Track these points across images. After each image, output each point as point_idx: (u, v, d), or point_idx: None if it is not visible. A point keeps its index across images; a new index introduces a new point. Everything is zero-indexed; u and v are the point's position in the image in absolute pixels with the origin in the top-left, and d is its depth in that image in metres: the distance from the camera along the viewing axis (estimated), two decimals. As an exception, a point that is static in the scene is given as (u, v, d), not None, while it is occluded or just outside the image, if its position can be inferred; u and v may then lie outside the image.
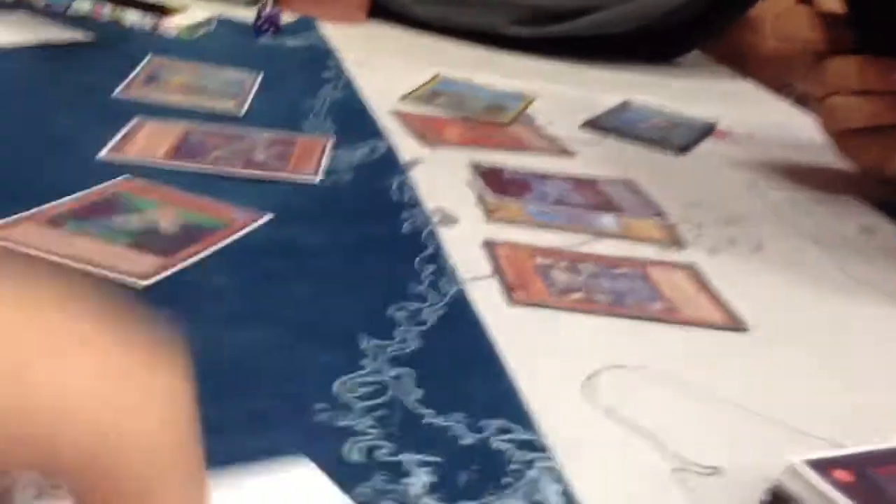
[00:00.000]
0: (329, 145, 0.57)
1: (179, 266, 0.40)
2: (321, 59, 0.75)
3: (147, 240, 0.42)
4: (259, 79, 0.70)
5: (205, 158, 0.53)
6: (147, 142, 0.55)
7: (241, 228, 0.45)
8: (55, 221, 0.42)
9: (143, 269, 0.40)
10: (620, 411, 0.36)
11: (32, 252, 0.39)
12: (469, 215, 0.52)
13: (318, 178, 0.53)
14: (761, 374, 0.41)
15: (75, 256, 0.40)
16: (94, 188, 0.46)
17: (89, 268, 0.39)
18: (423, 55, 0.86)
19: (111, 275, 0.39)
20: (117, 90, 0.62)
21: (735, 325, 0.44)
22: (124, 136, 0.54)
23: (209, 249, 0.42)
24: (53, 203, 0.43)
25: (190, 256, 0.41)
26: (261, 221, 0.46)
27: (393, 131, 0.62)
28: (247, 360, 0.35)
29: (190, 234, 0.44)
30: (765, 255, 0.54)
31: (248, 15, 0.84)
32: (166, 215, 0.45)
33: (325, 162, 0.55)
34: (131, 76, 0.65)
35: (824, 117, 0.65)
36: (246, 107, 0.63)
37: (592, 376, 0.38)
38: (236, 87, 0.67)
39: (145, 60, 0.69)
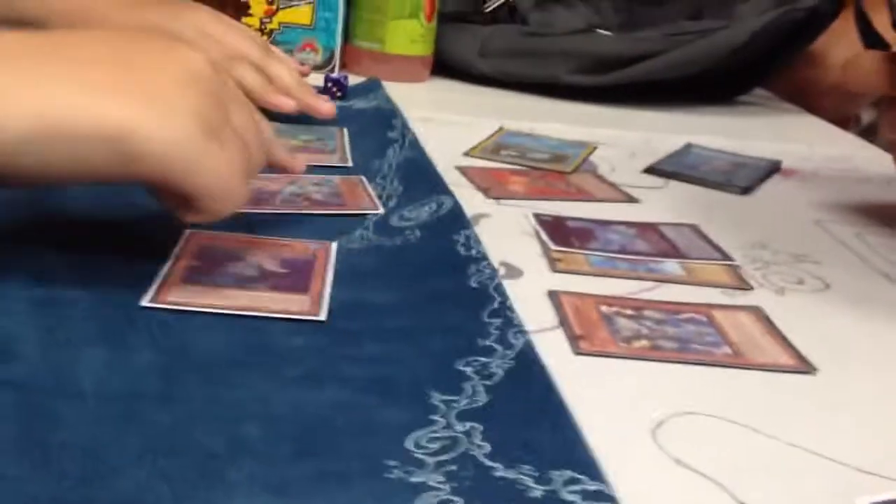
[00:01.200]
0: (366, 182, 0.63)
1: (325, 290, 0.46)
2: (387, 118, 0.78)
3: (268, 280, 0.47)
4: (346, 132, 0.74)
5: (273, 202, 0.58)
6: None
7: (328, 255, 0.51)
8: (191, 280, 0.46)
9: (307, 306, 0.45)
10: (689, 459, 0.36)
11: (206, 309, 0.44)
12: (533, 267, 0.53)
13: (381, 210, 0.58)
14: (831, 417, 0.41)
15: (247, 307, 0.44)
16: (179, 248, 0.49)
17: (265, 314, 0.44)
18: (486, 109, 0.89)
19: (289, 316, 0.44)
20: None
21: (803, 367, 0.45)
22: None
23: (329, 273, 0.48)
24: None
25: (319, 284, 0.47)
26: (335, 247, 0.52)
27: (458, 186, 0.64)
28: (321, 419, 0.36)
29: (299, 266, 0.49)
30: (833, 294, 0.54)
31: (316, 79, 0.88)
32: (264, 257, 0.49)
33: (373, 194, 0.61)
34: None
35: None
36: (350, 158, 0.69)
37: (660, 424, 0.39)
38: (331, 142, 0.72)
39: None
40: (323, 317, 0.44)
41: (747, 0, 1.01)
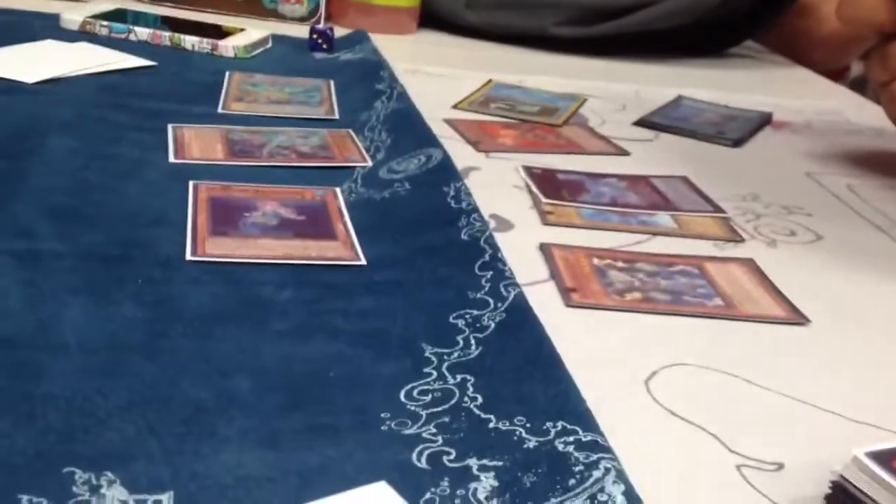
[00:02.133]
0: (354, 135, 0.63)
1: (352, 236, 0.47)
2: (374, 70, 0.76)
3: (292, 228, 0.47)
4: (333, 85, 0.73)
5: (261, 154, 0.57)
6: (200, 145, 0.58)
7: (335, 199, 0.52)
8: (218, 232, 0.46)
9: (345, 252, 0.46)
10: (682, 410, 0.36)
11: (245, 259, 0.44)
12: (524, 219, 0.53)
13: (370, 163, 0.57)
14: (824, 368, 0.41)
15: (289, 255, 0.45)
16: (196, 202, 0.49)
17: (310, 261, 0.44)
18: (475, 61, 0.87)
19: (336, 263, 0.44)
20: (219, 107, 0.66)
21: (796, 318, 0.44)
22: (176, 143, 0.58)
23: (344, 215, 0.50)
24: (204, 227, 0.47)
25: (343, 230, 0.48)
26: (340, 192, 0.53)
27: (448, 139, 0.63)
28: (313, 373, 0.36)
29: (313, 212, 0.49)
30: (825, 245, 0.54)
31: (301, 32, 0.86)
32: (276, 206, 0.50)
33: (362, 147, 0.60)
34: (223, 94, 0.68)
35: (887, 102, 0.65)
36: (337, 111, 0.67)
37: (653, 375, 0.38)
38: (316, 95, 0.71)
39: (226, 78, 0.72)
40: (363, 261, 0.45)
41: (739, -50, 1.00)
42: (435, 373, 0.36)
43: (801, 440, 0.35)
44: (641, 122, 0.74)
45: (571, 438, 0.32)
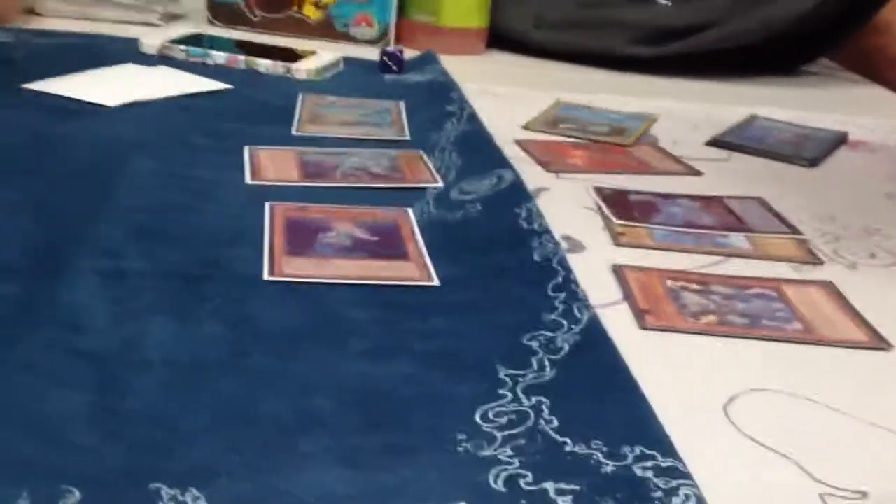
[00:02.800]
0: (425, 156, 0.63)
1: (425, 258, 0.48)
2: (444, 91, 0.77)
3: (365, 249, 0.48)
4: (403, 106, 0.74)
5: (334, 175, 0.58)
6: (275, 166, 0.59)
7: (407, 220, 0.52)
8: (295, 253, 0.47)
9: (418, 273, 0.46)
10: (763, 436, 0.36)
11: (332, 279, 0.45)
12: (596, 240, 0.52)
13: (441, 184, 0.58)
14: (908, 394, 0.40)
15: (363, 276, 0.45)
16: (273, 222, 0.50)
17: (383, 282, 0.45)
18: (543, 81, 0.87)
19: (409, 284, 0.45)
20: (293, 129, 0.67)
21: (878, 343, 0.43)
22: (252, 164, 0.59)
23: (417, 236, 0.50)
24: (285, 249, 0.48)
25: (416, 251, 0.49)
26: (412, 213, 0.53)
27: (518, 159, 0.63)
28: (390, 392, 0.36)
29: (386, 233, 0.50)
30: (907, 268, 0.52)
31: (372, 54, 0.87)
32: (350, 227, 0.50)
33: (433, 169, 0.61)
34: (296, 116, 0.70)
35: None
36: (408, 132, 0.68)
37: (732, 400, 0.38)
38: (387, 116, 0.71)
39: (299, 100, 0.73)
40: (436, 282, 0.45)
41: (812, -33, 0.98)
42: (510, 394, 0.36)
43: (884, 468, 0.35)
44: (714, 142, 0.73)
45: (650, 463, 0.32)
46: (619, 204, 0.58)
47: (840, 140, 0.76)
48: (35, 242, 0.45)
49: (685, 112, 0.81)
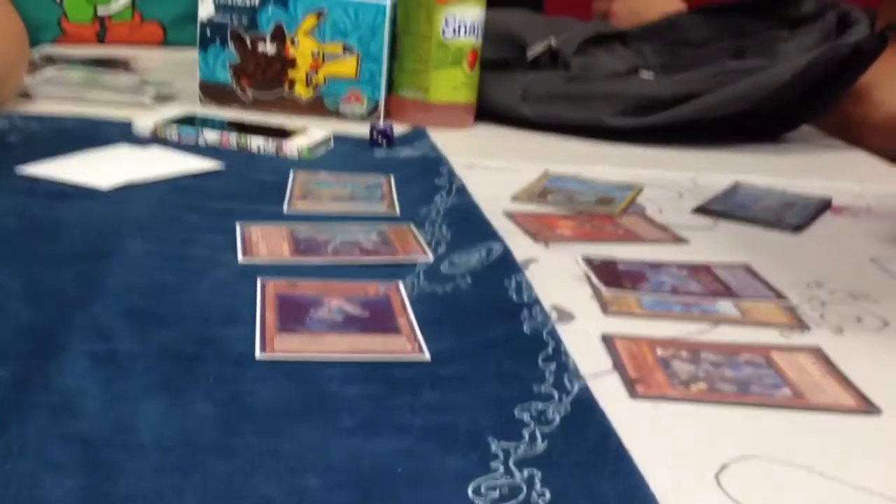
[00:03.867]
0: (415, 230, 0.64)
1: (416, 331, 0.48)
2: (433, 165, 0.78)
3: (357, 324, 0.49)
4: (393, 180, 0.75)
5: (325, 251, 0.59)
6: (267, 243, 0.60)
7: (398, 294, 0.53)
8: (286, 329, 0.48)
9: (410, 347, 0.46)
10: (754, 503, 0.36)
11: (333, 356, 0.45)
12: (585, 310, 0.53)
13: (431, 257, 0.58)
14: (899, 459, 0.40)
15: (355, 350, 0.46)
16: (264, 299, 0.51)
17: (375, 357, 0.45)
18: (531, 153, 0.89)
19: (401, 358, 0.45)
20: (284, 207, 0.68)
21: (867, 408, 0.44)
22: (244, 242, 0.60)
23: (408, 310, 0.51)
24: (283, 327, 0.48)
25: (407, 325, 0.49)
26: (403, 287, 0.54)
27: (507, 231, 0.64)
28: (381, 469, 0.36)
29: (377, 307, 0.51)
30: (893, 332, 0.53)
31: (362, 130, 0.89)
32: (341, 302, 0.51)
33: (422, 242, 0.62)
34: (288, 193, 0.71)
35: None
36: (398, 206, 0.69)
37: (724, 468, 0.38)
38: (377, 191, 0.73)
39: (291, 177, 0.74)
40: (427, 356, 0.45)
41: (790, 39, 1.01)
42: (502, 467, 0.36)
43: (879, 535, 0.35)
44: (700, 210, 0.74)
45: (642, 535, 0.32)
46: (607, 273, 0.58)
47: (824, 206, 0.77)
48: (27, 325, 0.46)
49: (670, 181, 0.82)
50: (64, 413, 0.38)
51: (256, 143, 0.82)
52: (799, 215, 0.74)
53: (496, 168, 0.83)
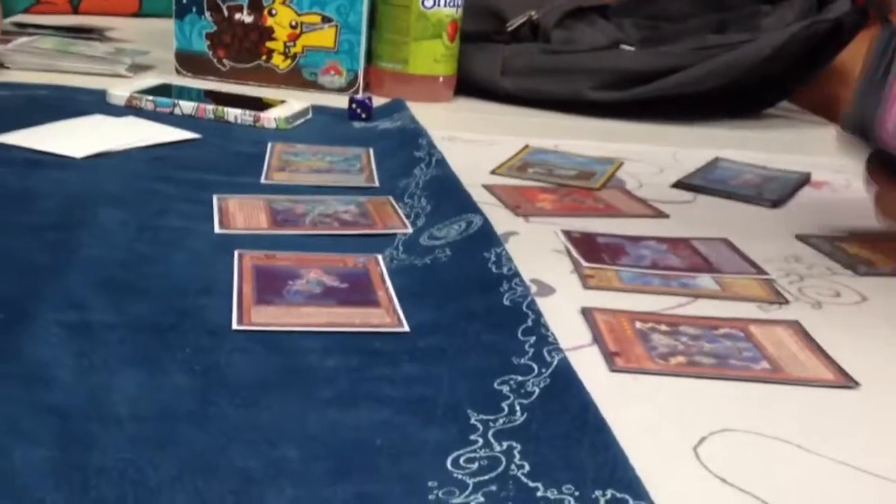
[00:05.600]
0: (394, 202, 0.63)
1: (394, 303, 0.48)
2: (413, 138, 0.78)
3: (335, 296, 0.48)
4: (372, 153, 0.74)
5: (303, 223, 0.58)
6: (244, 215, 0.59)
7: (377, 266, 0.52)
8: (264, 301, 0.47)
9: (389, 319, 0.46)
10: (733, 477, 0.36)
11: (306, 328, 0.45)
12: (565, 284, 0.53)
13: (410, 229, 0.58)
14: (876, 432, 0.40)
15: (333, 322, 0.45)
16: (241, 271, 0.50)
17: (354, 329, 0.45)
18: (511, 127, 0.88)
19: (379, 331, 0.45)
20: (262, 178, 0.67)
21: (845, 381, 0.44)
22: (221, 213, 0.59)
23: (386, 282, 0.50)
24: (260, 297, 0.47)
25: (386, 297, 0.49)
26: (382, 259, 0.53)
27: (487, 204, 0.63)
28: (359, 440, 0.36)
29: (356, 279, 0.50)
30: (871, 306, 0.53)
31: (340, 102, 0.88)
32: (319, 274, 0.50)
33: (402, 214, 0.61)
34: (265, 165, 0.70)
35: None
36: (377, 178, 0.69)
37: (702, 441, 0.38)
38: (356, 163, 0.72)
39: (268, 149, 0.73)
40: (406, 328, 0.45)
41: (771, 13, 1.01)
42: (481, 440, 0.36)
43: (855, 507, 0.35)
44: (679, 185, 0.74)
45: (621, 506, 0.32)
46: (587, 247, 0.58)
47: (803, 181, 0.78)
48: (0, 295, 0.45)
49: (651, 155, 0.82)
50: (36, 383, 0.38)
51: (233, 113, 0.81)
52: (778, 190, 0.74)
53: (476, 141, 0.82)
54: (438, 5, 0.93)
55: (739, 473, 0.36)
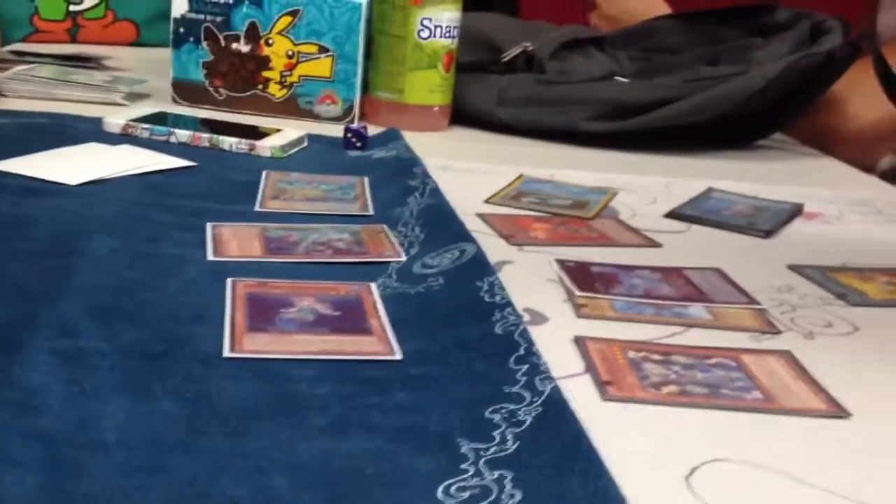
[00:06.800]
0: (388, 231, 0.63)
1: (388, 332, 0.48)
2: (407, 167, 0.78)
3: (328, 324, 0.48)
4: (367, 181, 0.74)
5: (297, 251, 0.59)
6: (238, 242, 0.59)
7: (370, 295, 0.52)
8: (256, 328, 0.47)
9: (381, 347, 0.46)
10: (724, 506, 0.36)
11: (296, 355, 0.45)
12: (558, 312, 0.53)
13: (404, 257, 0.58)
14: (868, 463, 0.40)
15: (326, 350, 0.45)
16: (234, 298, 0.50)
17: (346, 357, 0.45)
18: (506, 157, 0.89)
19: (371, 358, 0.45)
20: (256, 206, 0.68)
21: (837, 412, 0.44)
22: (215, 241, 0.59)
23: (379, 310, 0.50)
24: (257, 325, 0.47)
25: (378, 325, 0.49)
26: (375, 287, 0.53)
27: (480, 233, 0.64)
28: (350, 469, 0.36)
29: (348, 307, 0.50)
30: (863, 336, 0.53)
31: (336, 131, 0.88)
32: (312, 302, 0.50)
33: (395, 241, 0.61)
34: (259, 193, 0.70)
35: None
36: (371, 207, 0.69)
37: (694, 471, 0.38)
38: (350, 191, 0.72)
39: (263, 177, 0.74)
40: (399, 356, 0.45)
41: (764, 47, 1.01)
42: (472, 469, 0.36)
43: (847, 537, 0.35)
44: (672, 215, 0.74)
45: (612, 536, 0.32)
46: (580, 276, 0.58)
47: (795, 211, 0.78)
48: (-9, 322, 0.45)
49: (644, 185, 0.82)
50: (26, 410, 0.37)
51: (229, 142, 0.81)
52: (770, 220, 0.74)
53: (470, 170, 0.82)
54: (434, 36, 0.94)
55: (729, 502, 0.36)
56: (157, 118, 0.86)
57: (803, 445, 0.41)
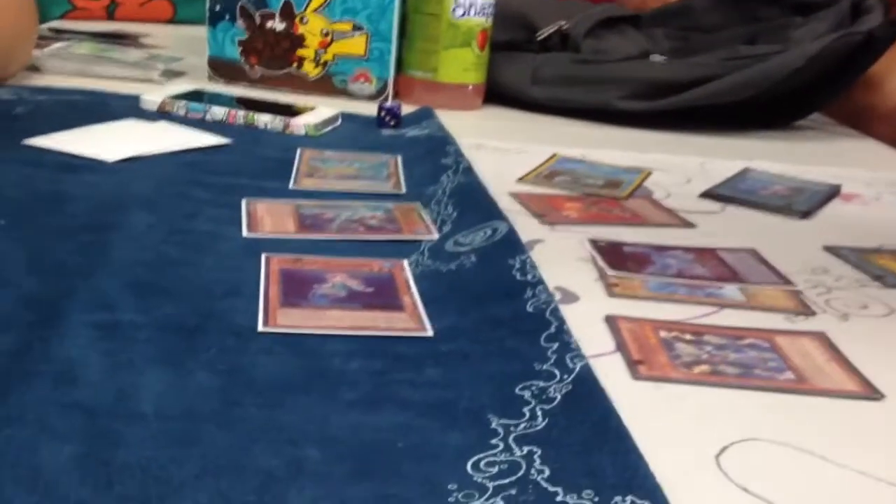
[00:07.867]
0: (421, 208, 0.64)
1: (419, 308, 0.48)
2: (440, 145, 0.78)
3: (360, 300, 0.49)
4: (400, 160, 0.75)
5: (330, 228, 0.59)
6: (272, 219, 0.59)
7: (402, 272, 0.53)
8: (289, 304, 0.48)
9: (413, 323, 0.46)
10: (755, 487, 0.36)
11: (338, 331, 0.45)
12: (590, 292, 0.53)
13: (436, 235, 0.58)
14: (901, 444, 0.40)
15: (358, 326, 0.46)
16: (268, 274, 0.51)
17: (378, 333, 0.45)
18: (539, 136, 0.89)
19: (403, 335, 0.45)
20: (290, 183, 0.68)
21: (870, 393, 0.43)
22: (249, 217, 0.60)
23: (411, 287, 0.51)
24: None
25: (410, 302, 0.49)
26: (408, 264, 0.54)
27: (513, 212, 0.64)
28: (381, 443, 0.36)
29: (381, 284, 0.51)
30: (899, 319, 0.53)
31: (370, 110, 0.88)
32: (345, 278, 0.51)
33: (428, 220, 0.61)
34: (294, 170, 0.70)
35: None
36: (404, 185, 0.69)
37: (724, 451, 0.38)
38: (384, 170, 0.72)
39: (297, 155, 0.74)
40: (430, 333, 0.45)
41: (803, 25, 1.00)
42: (502, 444, 0.36)
43: (879, 519, 0.34)
44: (707, 195, 0.74)
45: (640, 513, 0.32)
46: (613, 255, 0.58)
47: (833, 193, 0.77)
48: (30, 295, 0.46)
49: (679, 165, 0.81)
50: (65, 382, 0.38)
51: (263, 119, 0.82)
52: (807, 202, 0.73)
53: (504, 149, 0.82)
54: (469, 14, 0.93)
55: (761, 483, 0.36)
56: (194, 95, 0.86)
57: (835, 426, 0.41)
